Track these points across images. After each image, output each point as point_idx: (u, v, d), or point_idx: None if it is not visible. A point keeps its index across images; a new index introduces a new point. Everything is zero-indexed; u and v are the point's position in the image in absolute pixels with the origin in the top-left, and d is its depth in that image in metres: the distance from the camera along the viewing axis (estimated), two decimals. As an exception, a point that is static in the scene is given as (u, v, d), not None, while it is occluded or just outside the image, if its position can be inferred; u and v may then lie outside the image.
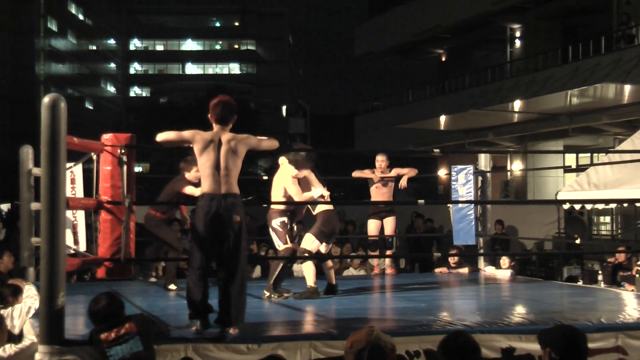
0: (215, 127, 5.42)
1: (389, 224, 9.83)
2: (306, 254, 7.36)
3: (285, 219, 7.40)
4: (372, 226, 9.88)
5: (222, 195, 5.22)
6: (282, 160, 7.55)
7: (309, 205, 7.59)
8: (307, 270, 7.40)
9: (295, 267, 9.52)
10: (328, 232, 7.48)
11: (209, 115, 5.45)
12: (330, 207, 7.61)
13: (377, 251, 9.98)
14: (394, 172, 9.72)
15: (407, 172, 9.71)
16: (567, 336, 3.34)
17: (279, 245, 7.46)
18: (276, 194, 7.47)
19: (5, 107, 48.11)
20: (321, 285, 7.59)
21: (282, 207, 7.40)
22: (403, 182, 9.65)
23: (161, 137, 5.50)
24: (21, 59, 49.09)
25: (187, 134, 5.42)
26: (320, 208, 7.52)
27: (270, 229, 7.48)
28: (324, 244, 7.47)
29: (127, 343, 4.49)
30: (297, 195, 7.29)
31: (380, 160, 9.66)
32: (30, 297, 5.38)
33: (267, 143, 5.77)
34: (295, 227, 7.68)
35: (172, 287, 8.15)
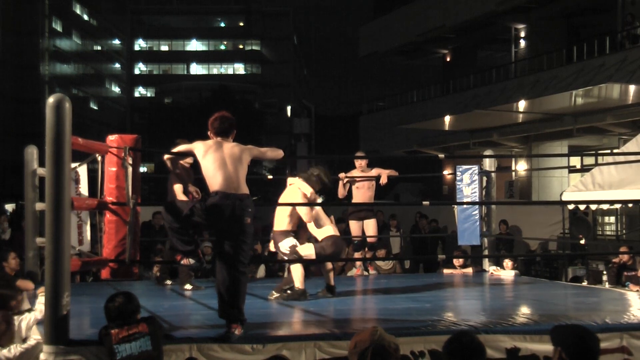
0: (217, 139, 5.42)
1: (370, 226, 9.57)
2: (295, 256, 7.22)
3: (292, 241, 7.24)
4: (354, 227, 9.63)
5: (237, 196, 5.20)
6: (293, 180, 7.45)
7: (314, 233, 7.41)
8: (295, 272, 7.26)
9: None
10: (331, 254, 7.30)
11: (209, 132, 5.44)
12: (336, 232, 7.46)
13: (360, 252, 9.74)
14: (375, 171, 9.42)
15: (388, 171, 9.36)
16: (580, 337, 3.29)
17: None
18: (282, 214, 7.28)
19: (9, 107, 48.21)
20: (320, 285, 7.60)
21: (284, 227, 7.24)
22: (383, 179, 9.26)
23: (167, 156, 5.54)
24: (26, 59, 49.15)
25: (188, 145, 5.45)
26: (324, 234, 7.35)
27: (281, 254, 7.30)
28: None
29: (137, 341, 4.52)
30: (307, 216, 7.18)
31: (360, 159, 9.47)
32: (41, 304, 5.37)
33: (271, 154, 5.76)
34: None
35: (188, 287, 8.15)
